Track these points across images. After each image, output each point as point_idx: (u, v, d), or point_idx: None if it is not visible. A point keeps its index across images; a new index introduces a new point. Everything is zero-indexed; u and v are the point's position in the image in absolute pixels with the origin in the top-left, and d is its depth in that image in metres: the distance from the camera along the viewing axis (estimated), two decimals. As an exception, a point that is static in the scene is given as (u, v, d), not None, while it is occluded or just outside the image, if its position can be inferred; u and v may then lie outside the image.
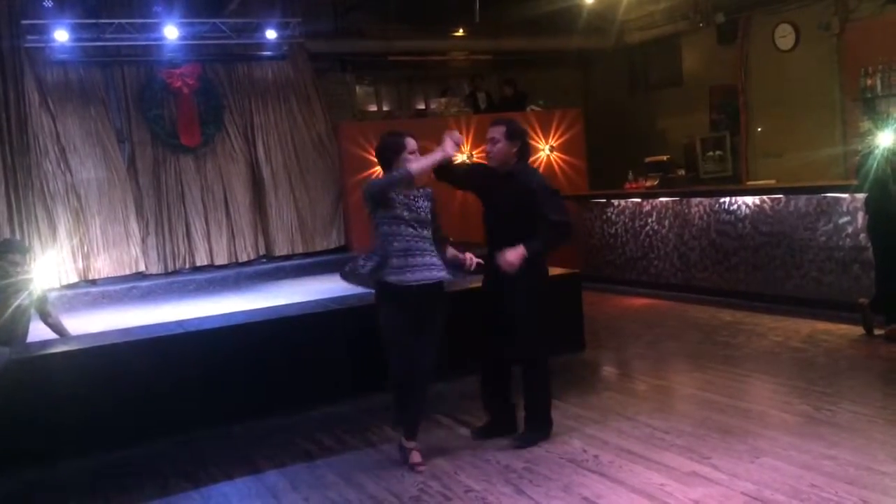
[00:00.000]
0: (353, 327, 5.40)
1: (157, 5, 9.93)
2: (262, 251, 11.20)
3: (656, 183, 10.23)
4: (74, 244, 9.92)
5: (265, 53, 10.94)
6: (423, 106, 12.97)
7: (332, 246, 11.46)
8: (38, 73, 9.85)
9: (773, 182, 8.95)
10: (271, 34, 10.56)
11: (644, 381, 5.60)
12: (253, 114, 11.07)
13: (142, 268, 10.34)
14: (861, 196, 6.35)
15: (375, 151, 4.38)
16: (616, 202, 9.52)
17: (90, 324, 7.58)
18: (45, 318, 5.87)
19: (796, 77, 10.53)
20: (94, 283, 10.06)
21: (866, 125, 8.70)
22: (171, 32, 9.85)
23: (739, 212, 7.89)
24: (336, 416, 5.15)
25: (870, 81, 8.87)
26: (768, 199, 7.62)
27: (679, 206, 8.61)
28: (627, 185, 10.42)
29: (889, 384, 5.17)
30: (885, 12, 9.32)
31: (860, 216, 6.64)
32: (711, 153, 11.52)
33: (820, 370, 5.39)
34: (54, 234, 9.84)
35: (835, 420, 4.41)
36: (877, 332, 6.06)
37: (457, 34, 12.39)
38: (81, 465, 4.58)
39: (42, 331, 5.92)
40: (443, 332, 4.26)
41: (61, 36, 9.40)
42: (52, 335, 5.83)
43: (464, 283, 5.35)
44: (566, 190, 10.71)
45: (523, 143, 4.46)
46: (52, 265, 9.60)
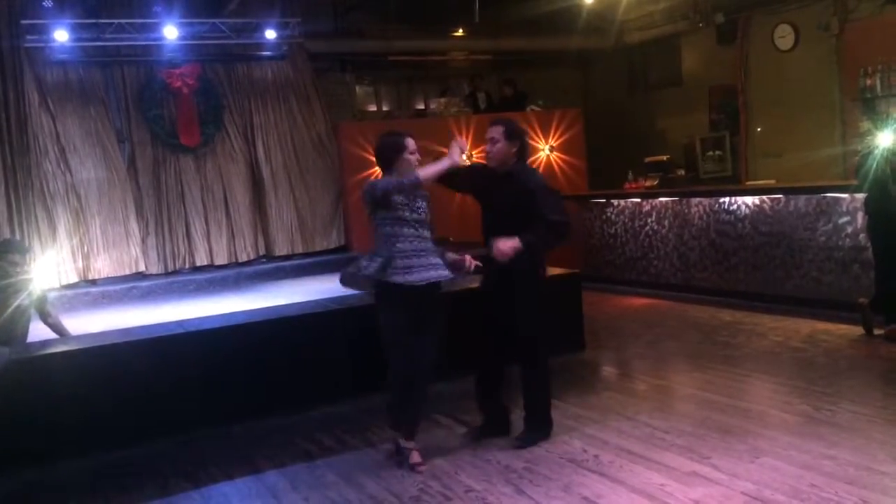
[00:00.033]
0: (353, 327, 5.41)
1: (157, 5, 9.91)
2: (261, 251, 11.19)
3: (656, 183, 10.23)
4: (74, 244, 9.91)
5: (265, 53, 10.92)
6: (422, 106, 12.93)
7: (331, 246, 11.45)
8: (38, 73, 9.83)
9: (772, 182, 8.94)
10: (271, 34, 10.54)
11: (644, 380, 5.61)
12: (253, 114, 11.05)
13: (142, 268, 10.33)
14: (861, 196, 6.36)
15: (375, 151, 4.37)
16: (616, 202, 9.53)
17: (90, 324, 7.58)
18: (45, 318, 5.87)
19: (796, 77, 10.52)
20: (94, 283, 10.04)
21: (866, 125, 8.69)
22: (171, 32, 9.84)
23: (739, 212, 7.90)
24: (336, 416, 5.16)
25: (869, 81, 8.87)
26: (768, 199, 7.63)
27: (679, 206, 8.61)
28: (627, 185, 10.42)
29: (889, 384, 5.18)
30: (884, 12, 9.32)
31: (860, 216, 6.64)
32: (711, 153, 11.52)
33: (820, 370, 5.40)
34: (54, 234, 9.82)
35: (835, 420, 4.42)
36: (876, 332, 6.07)
37: (456, 34, 12.38)
38: (81, 465, 4.58)
39: (42, 331, 5.91)
40: (442, 332, 4.27)
41: (61, 36, 9.38)
42: (52, 335, 5.83)
43: (464, 284, 5.35)
44: (566, 190, 10.73)
45: (522, 143, 4.47)
46: (51, 265, 9.58)
